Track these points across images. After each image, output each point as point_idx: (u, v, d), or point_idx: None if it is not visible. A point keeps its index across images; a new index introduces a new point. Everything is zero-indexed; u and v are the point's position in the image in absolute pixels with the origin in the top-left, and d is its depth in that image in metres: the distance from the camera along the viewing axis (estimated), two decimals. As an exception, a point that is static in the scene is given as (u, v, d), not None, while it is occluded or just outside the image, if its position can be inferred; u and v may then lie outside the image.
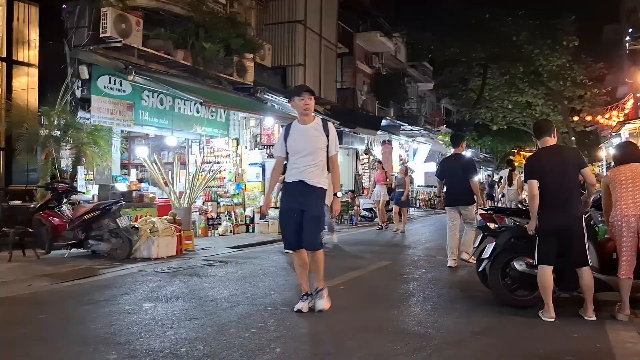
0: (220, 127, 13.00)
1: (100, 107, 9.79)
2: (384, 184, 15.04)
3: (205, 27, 11.31)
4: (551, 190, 4.91)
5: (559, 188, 4.91)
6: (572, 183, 5.00)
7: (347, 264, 8.35)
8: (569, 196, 4.93)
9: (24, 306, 5.35)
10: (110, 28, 9.28)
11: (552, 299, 4.94)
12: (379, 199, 15.01)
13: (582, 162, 5.11)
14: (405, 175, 14.27)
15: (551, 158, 5.01)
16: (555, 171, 4.93)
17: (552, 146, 5.13)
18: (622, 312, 4.95)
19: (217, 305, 5.30)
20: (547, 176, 4.93)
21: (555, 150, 5.12)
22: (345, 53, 20.58)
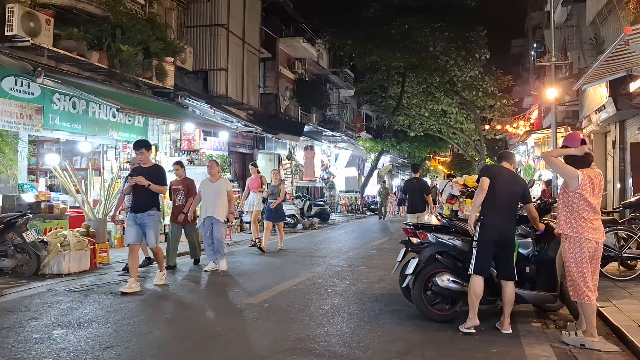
0: (138, 132, 12.46)
1: (5, 111, 9.07)
2: (258, 191, 11.94)
3: (122, 28, 10.77)
4: (499, 198, 5.23)
5: (505, 200, 5.27)
6: (515, 202, 5.40)
7: (269, 277, 8.25)
8: (511, 211, 5.36)
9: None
10: (16, 26, 8.60)
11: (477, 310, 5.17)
12: (252, 209, 11.90)
13: (528, 196, 5.54)
14: (279, 182, 11.72)
15: (506, 174, 5.43)
16: (506, 184, 5.30)
17: (508, 169, 5.55)
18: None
19: (134, 330, 5.03)
20: (498, 185, 5.24)
21: (511, 172, 5.56)
22: (268, 58, 20.45)
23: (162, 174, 7.15)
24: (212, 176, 8.82)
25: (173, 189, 9.06)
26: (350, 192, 28.23)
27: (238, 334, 5.05)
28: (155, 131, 12.98)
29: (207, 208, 8.62)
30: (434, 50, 23.49)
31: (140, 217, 6.92)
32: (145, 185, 6.79)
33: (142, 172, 6.95)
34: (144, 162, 7.09)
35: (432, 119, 27.95)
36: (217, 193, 8.62)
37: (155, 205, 7.02)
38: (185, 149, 13.91)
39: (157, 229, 7.09)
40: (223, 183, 8.82)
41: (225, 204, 8.65)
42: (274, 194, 11.44)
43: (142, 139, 7.72)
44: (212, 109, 14.34)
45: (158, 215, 7.11)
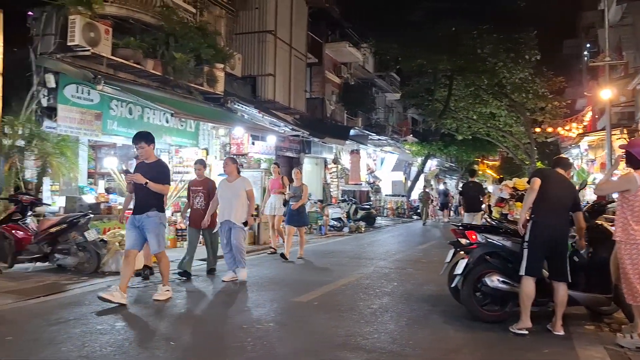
0: (190, 137, 12.86)
1: (67, 117, 9.56)
2: (279, 192, 11.19)
3: (175, 37, 11.19)
4: (550, 199, 5.21)
5: (557, 200, 5.23)
6: (567, 203, 5.31)
7: (318, 277, 8.38)
8: (563, 211, 5.28)
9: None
10: (78, 36, 9.08)
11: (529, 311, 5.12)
12: (273, 213, 11.21)
13: (579, 203, 5.45)
14: (302, 183, 10.79)
15: (558, 177, 5.42)
16: (557, 186, 5.29)
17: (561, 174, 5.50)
18: None
19: (189, 324, 5.25)
20: (550, 185, 5.24)
21: (563, 177, 5.51)
22: (315, 63, 20.67)
23: (163, 171, 6.39)
24: (229, 175, 7.94)
25: (192, 190, 8.30)
26: (397, 196, 28.09)
27: (290, 330, 5.18)
28: (205, 135, 13.36)
29: (224, 211, 7.75)
30: (481, 52, 23.13)
31: (139, 220, 6.18)
32: (142, 183, 6.05)
33: (142, 169, 6.24)
34: (145, 157, 6.34)
35: (480, 122, 27.49)
36: (234, 194, 7.73)
37: (156, 206, 6.20)
38: (235, 152, 14.23)
39: (159, 233, 6.24)
40: (241, 183, 7.87)
41: (244, 206, 7.73)
42: (296, 197, 10.49)
43: (143, 131, 6.79)
44: (260, 113, 14.64)
45: (159, 217, 6.24)
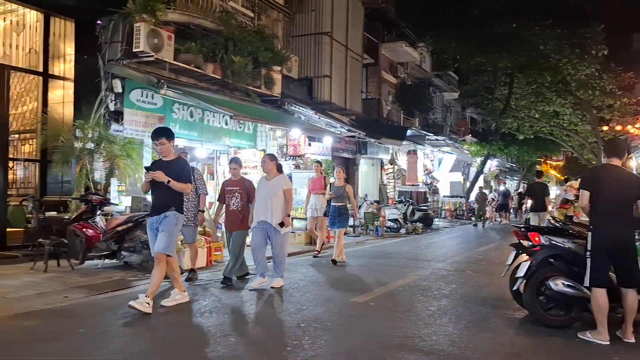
0: (248, 139, 13.13)
1: (133, 120, 9.97)
2: (321, 193, 10.84)
3: (234, 41, 11.45)
4: (607, 205, 4.93)
5: (616, 204, 4.92)
6: (629, 204, 4.98)
7: (374, 278, 8.35)
8: (624, 215, 4.94)
9: (62, 319, 5.44)
10: (142, 43, 9.45)
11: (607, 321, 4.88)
12: (315, 214, 10.94)
13: None
14: (344, 183, 10.22)
15: (614, 175, 5.04)
16: (615, 188, 4.95)
17: (615, 165, 5.13)
18: None
19: (250, 321, 5.35)
20: (604, 190, 4.96)
21: (621, 171, 5.13)
22: (371, 63, 20.62)
23: (184, 169, 6.03)
24: (267, 173, 7.49)
25: (227, 190, 7.82)
26: (455, 197, 27.55)
27: (347, 329, 5.19)
28: (263, 137, 13.59)
29: (259, 210, 7.25)
30: (544, 49, 22.33)
31: (157, 220, 5.83)
32: (164, 181, 5.66)
33: (161, 166, 5.86)
34: (164, 154, 6.00)
35: (543, 120, 26.55)
36: (271, 193, 7.22)
37: (175, 205, 5.84)
38: (291, 154, 14.42)
39: (171, 233, 5.79)
40: (279, 181, 7.37)
41: (281, 206, 7.22)
42: (337, 197, 9.99)
43: (163, 127, 6.28)
44: (316, 114, 14.75)
45: (177, 218, 5.85)
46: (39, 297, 6.25)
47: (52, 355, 4.24)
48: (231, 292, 6.90)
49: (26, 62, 10.03)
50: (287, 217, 7.26)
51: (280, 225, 7.13)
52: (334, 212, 10.02)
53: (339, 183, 10.16)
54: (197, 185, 7.67)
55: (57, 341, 4.57)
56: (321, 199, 10.76)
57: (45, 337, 4.67)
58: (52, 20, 10.12)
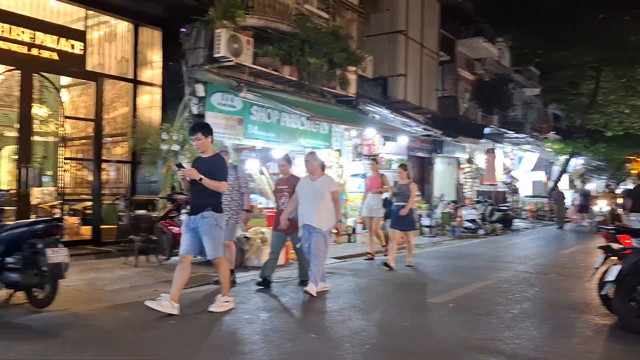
0: (323, 139, 13.30)
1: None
2: (378, 192, 10.35)
3: (309, 43, 11.63)
4: None
5: None
6: None
7: (453, 279, 8.23)
8: None
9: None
10: (223, 48, 9.81)
11: None
12: (371, 214, 10.32)
13: None
14: (408, 180, 9.52)
15: None
16: None
17: None
18: None
19: (329, 318, 5.46)
20: None
21: None
22: (447, 60, 20.23)
23: (219, 166, 5.72)
24: (311, 173, 6.96)
25: (277, 190, 7.53)
26: (537, 197, 26.44)
27: (425, 329, 5.19)
28: (338, 137, 13.71)
29: (304, 213, 6.76)
30: (635, 40, 21.00)
31: (194, 221, 5.59)
32: (196, 179, 5.44)
33: (197, 164, 5.71)
34: (201, 149, 5.76)
35: (634, 116, 24.97)
36: (316, 194, 6.71)
37: (212, 205, 5.57)
38: (366, 153, 14.43)
39: (215, 236, 5.57)
40: (325, 181, 6.84)
41: (328, 209, 6.69)
42: (400, 194, 9.30)
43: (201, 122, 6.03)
44: (392, 114, 14.69)
45: (215, 218, 5.57)
46: (132, 289, 6.67)
47: (147, 343, 4.54)
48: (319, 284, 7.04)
49: (118, 70, 10.69)
50: (339, 224, 6.88)
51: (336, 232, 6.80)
52: (396, 212, 9.30)
53: (402, 181, 9.45)
54: (240, 184, 7.28)
55: (151, 330, 4.88)
56: (378, 199, 10.26)
57: (140, 327, 5.00)
58: (140, 30, 10.74)
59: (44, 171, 10.72)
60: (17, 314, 5.35)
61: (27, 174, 9.03)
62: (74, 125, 10.75)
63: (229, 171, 6.84)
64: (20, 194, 8.92)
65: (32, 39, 8.92)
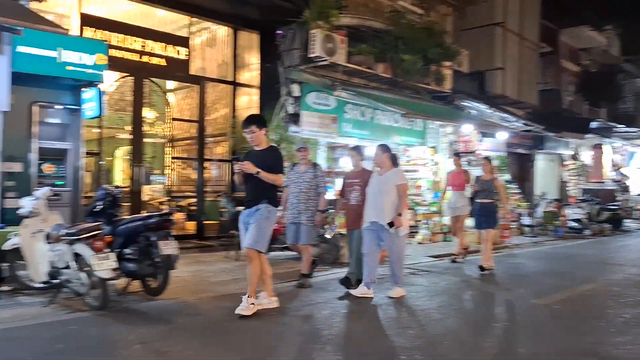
0: (418, 136, 13.15)
1: (309, 121, 10.59)
2: (461, 189, 9.61)
3: (403, 39, 11.55)
4: None
5: None
6: None
7: (556, 280, 7.84)
8: None
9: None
10: (318, 48, 10.00)
11: None
12: (455, 213, 9.70)
13: None
14: (492, 175, 8.77)
15: None
16: None
17: None
18: None
19: (427, 316, 5.41)
20: None
21: None
22: (548, 52, 19.21)
23: (276, 159, 5.48)
24: (380, 167, 6.47)
25: (347, 184, 6.90)
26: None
27: (528, 330, 4.99)
28: (433, 134, 13.49)
29: (370, 209, 6.32)
30: None
31: (249, 215, 5.42)
32: (253, 173, 5.23)
33: (252, 157, 5.42)
34: (255, 142, 5.49)
35: None
36: (382, 189, 6.23)
37: (268, 198, 5.35)
38: (462, 150, 14.07)
39: (261, 227, 5.30)
40: (391, 175, 6.30)
41: (392, 204, 6.17)
42: (484, 191, 8.57)
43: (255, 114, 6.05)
44: (490, 109, 14.23)
45: (269, 211, 5.35)
46: (234, 282, 6.99)
47: (249, 332, 4.76)
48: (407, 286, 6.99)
49: (218, 73, 11.22)
50: (398, 217, 6.12)
51: (389, 225, 6.09)
52: (479, 210, 8.57)
53: (486, 177, 8.67)
54: (319, 183, 6.86)
55: (256, 321, 5.10)
56: (462, 196, 9.53)
57: (243, 317, 5.23)
58: (239, 34, 11.20)
59: (153, 170, 11.50)
60: (133, 301, 5.79)
61: (139, 173, 9.74)
62: (179, 126, 11.43)
63: (307, 169, 6.89)
64: (133, 191, 9.65)
65: (143, 47, 9.61)
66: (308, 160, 7.00)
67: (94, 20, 9.03)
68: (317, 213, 6.80)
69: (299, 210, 6.78)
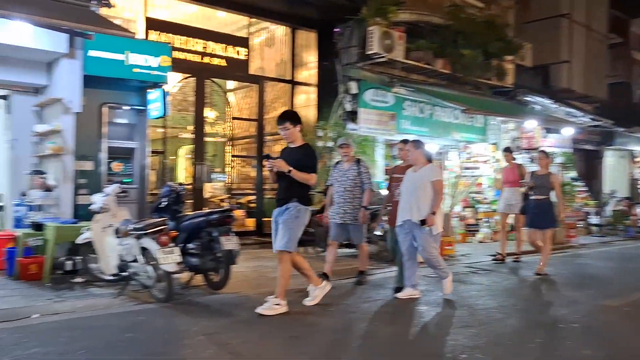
0: (478, 132, 12.85)
1: (367, 119, 10.57)
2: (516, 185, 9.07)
3: (463, 34, 11.33)
4: None
5: None
6: None
7: (628, 282, 7.50)
8: None
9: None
10: (376, 45, 9.97)
11: None
12: (508, 210, 9.22)
13: None
14: (548, 170, 8.13)
15: None
16: None
17: None
18: None
19: (488, 315, 5.29)
20: None
21: None
22: (618, 43, 18.31)
23: (308, 157, 5.29)
24: (414, 163, 6.08)
25: (393, 178, 6.59)
26: None
27: (596, 332, 4.79)
28: (494, 130, 13.15)
29: (403, 207, 5.98)
30: None
31: (280, 213, 5.30)
32: (284, 171, 5.10)
33: (285, 154, 5.34)
34: (289, 139, 5.36)
35: None
36: (416, 186, 5.88)
37: (298, 197, 5.18)
38: (525, 147, 13.64)
39: (290, 227, 5.17)
40: (426, 172, 5.95)
41: (427, 201, 5.81)
42: (538, 188, 7.92)
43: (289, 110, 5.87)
44: (554, 104, 13.73)
45: (298, 210, 5.18)
46: (292, 277, 7.03)
47: (308, 326, 4.81)
48: (464, 284, 6.88)
49: (277, 72, 11.38)
50: (431, 215, 5.73)
51: (421, 222, 5.74)
52: (534, 208, 7.95)
53: (541, 171, 8.04)
54: (363, 179, 6.68)
55: (312, 316, 5.16)
56: (516, 192, 9.01)
57: (301, 312, 5.30)
58: (297, 33, 11.32)
59: (214, 168, 11.79)
60: (196, 294, 5.97)
61: (201, 171, 10.03)
62: (238, 125, 11.67)
63: (351, 166, 6.69)
64: (195, 188, 9.94)
65: (204, 48, 9.88)
66: (351, 157, 6.78)
67: (158, 23, 9.37)
68: (361, 209, 6.60)
69: (344, 209, 6.61)
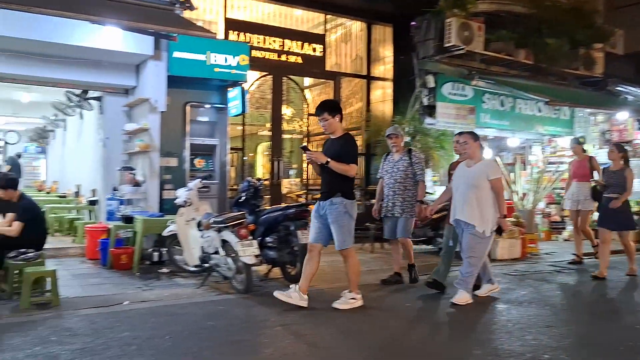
0: (564, 125, 12.23)
1: (445, 113, 10.36)
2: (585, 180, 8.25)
3: (547, 22, 10.81)
4: None
5: None
6: None
7: None
8: None
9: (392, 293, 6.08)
10: (454, 37, 9.72)
11: None
12: (576, 207, 8.33)
13: None
14: (623, 164, 7.24)
15: None
16: None
17: None
18: None
19: (574, 316, 5.06)
20: None
21: None
22: None
23: (347, 147, 5.08)
24: (469, 158, 5.63)
25: (452, 175, 6.10)
26: None
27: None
28: (582, 123, 12.47)
29: (456, 205, 5.58)
30: None
31: (322, 207, 5.14)
32: (322, 162, 4.96)
33: (326, 145, 5.24)
34: (329, 130, 5.19)
35: None
36: (469, 183, 5.45)
37: (342, 190, 5.03)
38: (617, 140, 12.82)
39: (344, 225, 5.06)
40: (482, 167, 5.49)
41: (485, 202, 5.36)
42: (612, 185, 7.18)
43: (328, 100, 5.84)
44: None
45: (344, 205, 5.03)
46: (368, 273, 7.06)
47: (379, 322, 4.81)
48: (548, 283, 6.58)
49: (352, 67, 11.38)
50: (502, 220, 5.40)
51: (497, 232, 5.41)
52: (608, 206, 7.15)
53: (615, 166, 7.28)
54: (416, 171, 6.35)
55: (384, 312, 5.14)
56: (586, 188, 8.18)
57: (377, 307, 5.30)
58: (373, 28, 11.27)
59: (291, 164, 12.01)
60: (274, 286, 6.08)
61: (278, 167, 10.24)
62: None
63: (401, 157, 6.37)
64: (273, 184, 10.16)
65: (281, 46, 10.06)
66: (401, 147, 6.44)
67: (237, 23, 9.66)
68: (416, 204, 6.31)
69: (393, 202, 6.32)
